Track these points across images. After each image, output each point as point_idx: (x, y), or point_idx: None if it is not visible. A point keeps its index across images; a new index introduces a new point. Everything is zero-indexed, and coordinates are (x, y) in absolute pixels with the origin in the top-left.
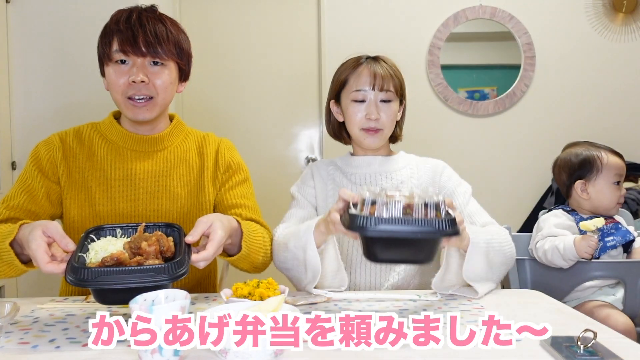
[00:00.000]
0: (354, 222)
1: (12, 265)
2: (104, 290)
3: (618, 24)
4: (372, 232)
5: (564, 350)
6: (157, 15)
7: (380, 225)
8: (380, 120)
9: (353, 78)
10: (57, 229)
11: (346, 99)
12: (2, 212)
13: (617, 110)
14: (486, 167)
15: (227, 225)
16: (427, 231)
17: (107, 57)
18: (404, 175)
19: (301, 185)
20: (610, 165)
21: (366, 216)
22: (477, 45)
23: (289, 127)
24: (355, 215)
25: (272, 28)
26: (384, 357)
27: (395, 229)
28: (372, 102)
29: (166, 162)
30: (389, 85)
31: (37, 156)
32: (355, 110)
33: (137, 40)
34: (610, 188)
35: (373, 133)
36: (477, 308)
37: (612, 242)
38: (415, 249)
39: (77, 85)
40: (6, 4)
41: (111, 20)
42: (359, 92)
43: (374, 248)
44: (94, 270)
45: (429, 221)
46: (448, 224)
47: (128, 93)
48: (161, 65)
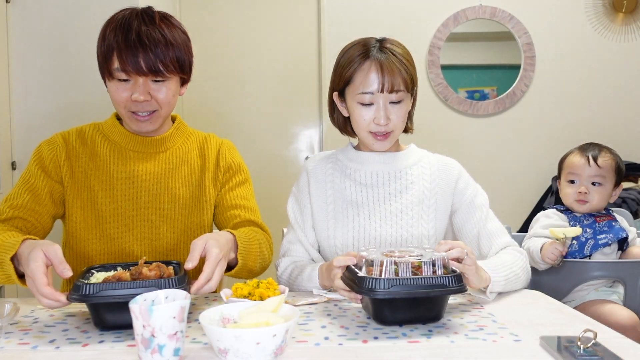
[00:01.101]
0: (362, 285)
1: (9, 279)
2: (104, 310)
3: (618, 24)
4: (382, 294)
5: (564, 350)
6: (157, 24)
7: (393, 287)
8: (390, 124)
9: (359, 77)
10: (57, 253)
11: (352, 99)
12: (5, 211)
13: (617, 110)
14: (486, 167)
15: (222, 241)
16: (437, 290)
17: (108, 73)
18: (414, 174)
19: (295, 202)
20: (566, 164)
21: (375, 278)
22: (477, 45)
23: (288, 127)
24: (363, 277)
25: (271, 27)
26: (384, 357)
27: (404, 290)
28: (380, 106)
29: (168, 163)
30: (399, 84)
31: (40, 155)
32: (362, 113)
33: (138, 61)
34: (565, 186)
35: (382, 138)
36: (478, 308)
37: (604, 240)
38: (426, 308)
39: (77, 85)
40: (6, 4)
41: (109, 31)
42: (367, 95)
43: (383, 310)
44: (95, 285)
45: (438, 279)
46: (455, 281)
47: (131, 108)
48: (163, 81)
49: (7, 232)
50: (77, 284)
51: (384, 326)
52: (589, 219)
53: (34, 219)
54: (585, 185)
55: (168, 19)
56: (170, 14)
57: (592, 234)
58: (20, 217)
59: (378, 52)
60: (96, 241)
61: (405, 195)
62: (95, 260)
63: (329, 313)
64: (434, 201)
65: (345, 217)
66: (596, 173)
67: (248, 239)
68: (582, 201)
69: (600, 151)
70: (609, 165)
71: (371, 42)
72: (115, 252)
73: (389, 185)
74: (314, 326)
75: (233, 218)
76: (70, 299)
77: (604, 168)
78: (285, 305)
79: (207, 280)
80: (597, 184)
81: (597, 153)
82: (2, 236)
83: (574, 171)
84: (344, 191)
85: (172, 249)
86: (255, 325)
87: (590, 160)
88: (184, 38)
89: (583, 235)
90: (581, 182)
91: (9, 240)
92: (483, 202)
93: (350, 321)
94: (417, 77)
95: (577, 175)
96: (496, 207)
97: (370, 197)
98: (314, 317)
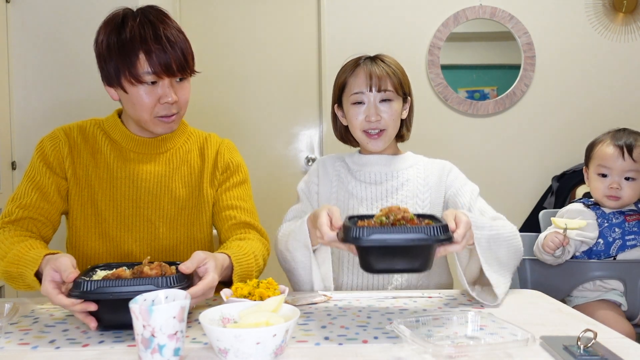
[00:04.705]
0: (348, 234)
1: (32, 289)
2: (104, 307)
3: (618, 24)
4: (366, 242)
5: (564, 350)
6: (169, 20)
7: (374, 234)
8: (381, 121)
9: (351, 80)
10: (64, 263)
11: (347, 102)
12: (14, 212)
13: (617, 110)
14: (486, 167)
15: (219, 266)
16: (420, 238)
17: (133, 77)
18: (410, 174)
19: (305, 184)
20: (596, 154)
21: (360, 227)
22: (477, 45)
23: (289, 127)
24: (349, 227)
25: (272, 28)
26: (384, 357)
27: (388, 237)
28: (371, 104)
29: (169, 163)
30: (386, 84)
31: (43, 152)
32: (355, 112)
33: (169, 62)
34: (594, 179)
35: (376, 137)
36: (478, 308)
37: (633, 242)
38: (410, 257)
39: (78, 86)
40: (6, 4)
41: (128, 31)
42: (357, 95)
43: (369, 258)
44: (95, 281)
45: (421, 228)
46: (440, 231)
47: (159, 113)
48: (184, 79)
49: (25, 242)
50: (77, 281)
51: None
52: (618, 218)
53: (44, 217)
54: (617, 180)
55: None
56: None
57: (621, 234)
58: (31, 217)
59: (368, 61)
60: (96, 240)
61: (401, 191)
62: (95, 259)
63: (329, 313)
64: (427, 195)
65: (347, 206)
66: (630, 167)
67: (243, 255)
68: (614, 197)
69: (635, 140)
70: None
71: (364, 56)
72: (115, 252)
73: (387, 183)
74: (314, 326)
75: (229, 219)
76: (71, 296)
77: (638, 161)
78: (285, 305)
79: (193, 297)
80: (630, 179)
81: (632, 142)
82: (20, 247)
83: (605, 164)
84: (347, 185)
85: (172, 250)
86: (255, 325)
87: (624, 152)
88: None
89: (610, 235)
90: (613, 177)
91: (28, 253)
92: (473, 189)
93: (350, 321)
94: (411, 88)
95: (609, 169)
96: (496, 207)
97: (370, 193)
98: (314, 317)
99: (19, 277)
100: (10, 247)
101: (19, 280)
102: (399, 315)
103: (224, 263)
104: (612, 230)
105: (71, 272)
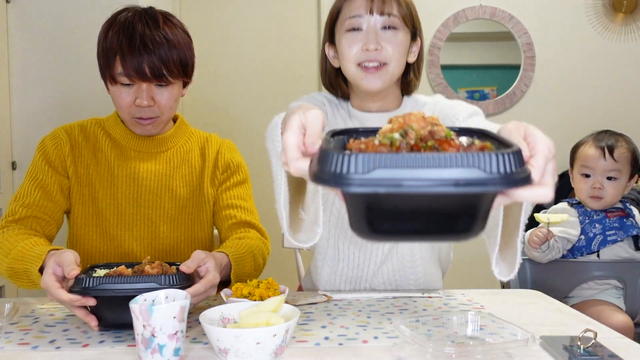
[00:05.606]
0: (325, 166)
1: (36, 287)
2: (104, 305)
3: (618, 24)
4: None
5: (564, 350)
6: (160, 26)
7: (377, 169)
8: (382, 52)
9: (347, 5)
10: (67, 258)
11: (340, 32)
12: (18, 211)
13: (617, 110)
14: None
15: (218, 265)
16: (481, 179)
17: (111, 77)
18: None
19: (306, 101)
20: (579, 155)
21: (351, 154)
22: (477, 45)
23: None
24: (329, 152)
25: (272, 28)
26: (384, 357)
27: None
28: (370, 28)
29: (169, 162)
30: (391, 8)
31: (45, 151)
32: (349, 41)
33: (143, 67)
34: (578, 179)
35: (373, 71)
36: (478, 308)
37: (614, 237)
38: (450, 213)
39: (78, 86)
40: (6, 4)
41: (112, 33)
42: (354, 19)
43: (370, 214)
44: (96, 278)
45: (481, 157)
46: (515, 162)
47: (135, 114)
48: (166, 85)
49: (30, 239)
50: (78, 277)
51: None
52: (600, 214)
53: (48, 216)
54: (599, 180)
55: (170, 19)
56: (171, 14)
57: (601, 230)
58: (34, 215)
59: None
60: (96, 239)
61: None
62: (95, 258)
63: (329, 313)
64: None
65: None
66: (612, 167)
67: (241, 254)
68: (597, 197)
69: (617, 141)
70: (625, 158)
71: None
72: (115, 251)
73: None
74: (314, 326)
75: (229, 218)
76: (71, 292)
77: (620, 162)
78: (285, 305)
79: (195, 295)
80: (612, 179)
81: (612, 143)
82: (25, 244)
83: (587, 164)
84: None
85: (172, 249)
86: (255, 325)
87: (605, 152)
88: (187, 39)
89: (591, 231)
90: (595, 177)
91: (33, 249)
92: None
93: (350, 321)
94: (421, 26)
95: (591, 169)
96: None
97: None
98: (314, 317)
99: (23, 274)
100: (14, 245)
101: (23, 277)
102: (399, 315)
103: (223, 262)
104: (592, 226)
105: (73, 268)
